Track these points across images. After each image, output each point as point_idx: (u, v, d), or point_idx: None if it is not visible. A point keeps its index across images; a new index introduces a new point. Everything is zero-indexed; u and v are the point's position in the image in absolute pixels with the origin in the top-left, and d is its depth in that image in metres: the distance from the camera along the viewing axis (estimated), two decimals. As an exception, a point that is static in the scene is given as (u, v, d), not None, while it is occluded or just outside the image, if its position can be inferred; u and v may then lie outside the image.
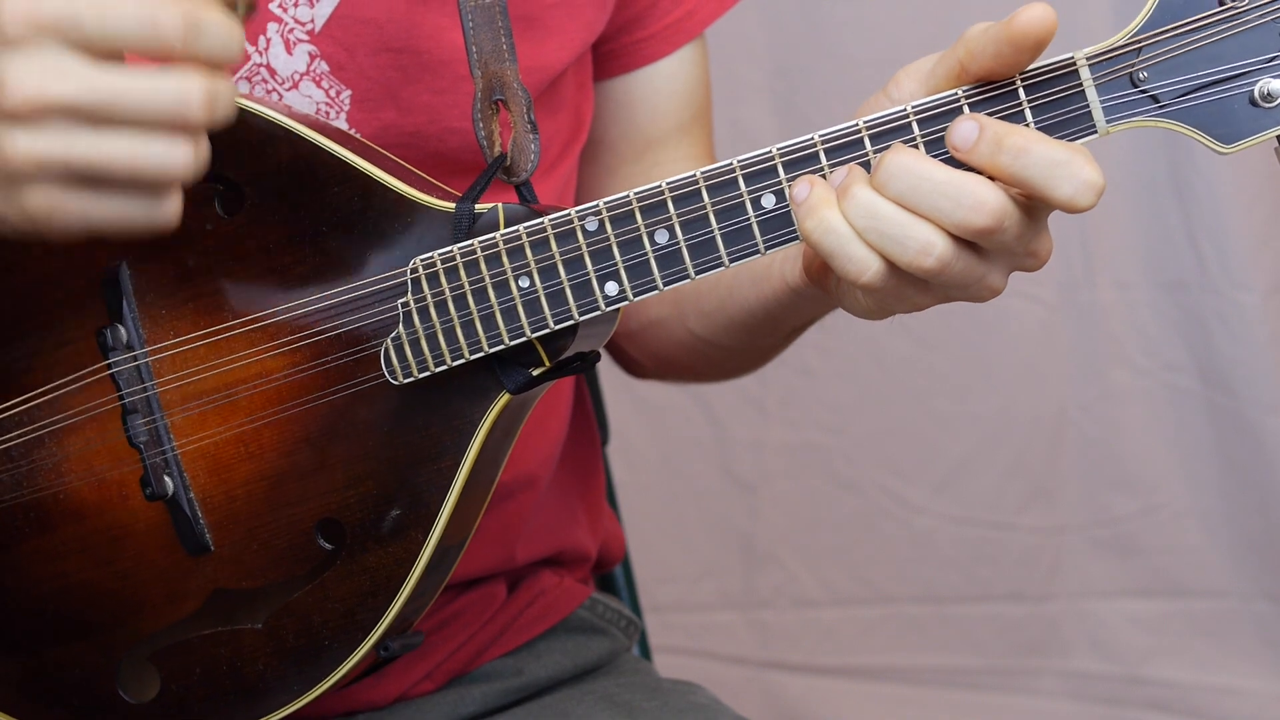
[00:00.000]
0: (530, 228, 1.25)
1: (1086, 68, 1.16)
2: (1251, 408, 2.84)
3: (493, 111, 1.34)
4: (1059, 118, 1.16)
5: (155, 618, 1.35)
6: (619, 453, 2.64)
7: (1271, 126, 1.14)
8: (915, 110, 1.18)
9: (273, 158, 1.30)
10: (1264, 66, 1.14)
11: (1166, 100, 1.15)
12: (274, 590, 1.32)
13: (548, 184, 1.53)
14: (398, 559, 1.31)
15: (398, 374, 1.28)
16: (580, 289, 1.24)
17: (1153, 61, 1.15)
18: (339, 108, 1.41)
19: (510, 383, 1.28)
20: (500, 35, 1.34)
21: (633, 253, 1.23)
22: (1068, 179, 1.12)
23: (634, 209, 1.22)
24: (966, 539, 2.96)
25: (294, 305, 1.30)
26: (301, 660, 1.33)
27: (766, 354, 1.63)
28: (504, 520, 1.53)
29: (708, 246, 1.22)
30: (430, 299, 1.27)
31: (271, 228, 1.30)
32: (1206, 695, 2.90)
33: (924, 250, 1.15)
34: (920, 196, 1.14)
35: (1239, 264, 2.80)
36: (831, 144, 1.20)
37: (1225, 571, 2.90)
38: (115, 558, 1.35)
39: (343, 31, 1.40)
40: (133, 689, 1.36)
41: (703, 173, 1.21)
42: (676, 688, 1.57)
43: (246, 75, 1.39)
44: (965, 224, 1.14)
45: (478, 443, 1.29)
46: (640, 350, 1.69)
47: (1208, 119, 1.15)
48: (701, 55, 1.65)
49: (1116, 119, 1.16)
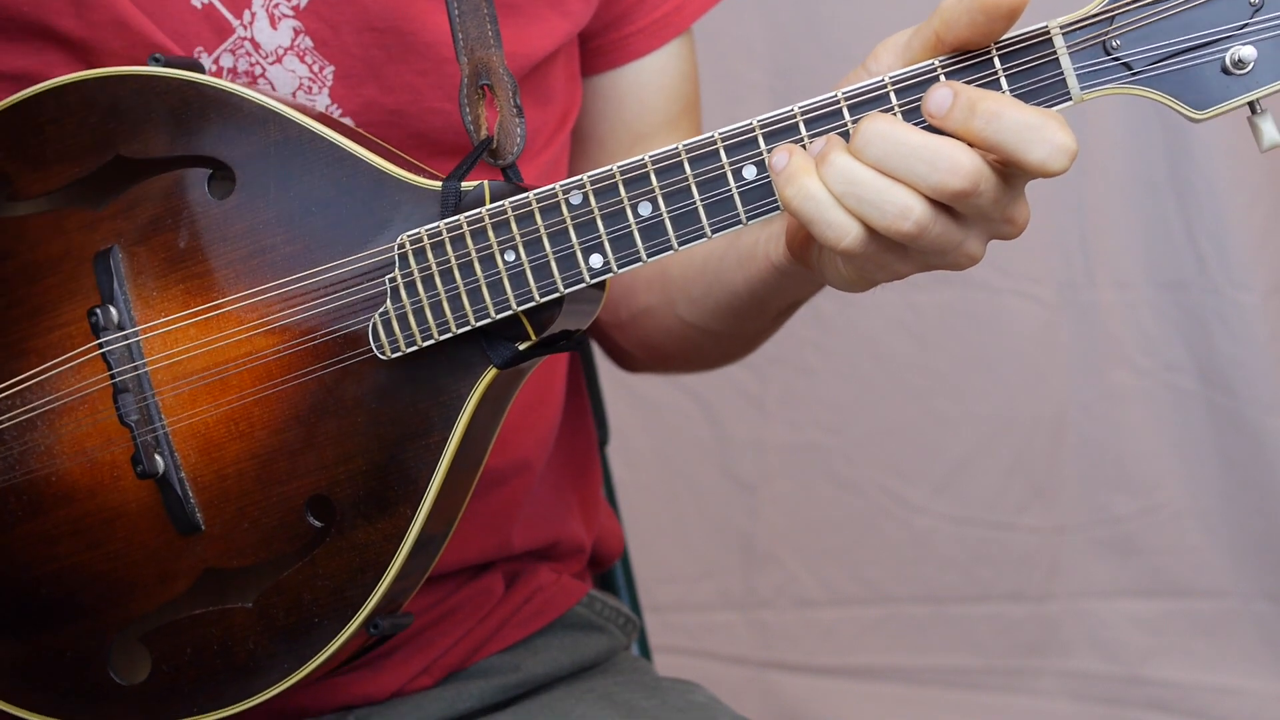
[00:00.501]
0: (515, 202, 1.26)
1: (1060, 36, 1.17)
2: (1251, 408, 2.84)
3: (479, 96, 1.35)
4: (1033, 85, 1.18)
5: (146, 599, 1.36)
6: (618, 452, 2.63)
7: (1242, 93, 1.16)
8: (893, 80, 1.20)
9: (262, 140, 1.31)
10: (1235, 33, 1.15)
11: (1139, 67, 1.17)
12: (264, 568, 1.33)
13: (533, 168, 1.54)
14: (386, 535, 1.31)
15: (385, 349, 1.29)
16: (565, 261, 1.25)
17: (1125, 29, 1.16)
18: (322, 83, 1.42)
19: (497, 357, 1.29)
20: (485, 21, 1.36)
21: (616, 225, 1.24)
22: (1040, 142, 1.14)
23: (617, 182, 1.24)
24: (966, 539, 2.96)
25: (283, 283, 1.31)
26: (292, 638, 1.33)
27: (755, 338, 1.64)
28: (497, 506, 1.54)
29: (690, 218, 1.23)
30: (417, 274, 1.28)
31: (261, 209, 1.31)
32: (1206, 695, 2.90)
33: (902, 214, 1.16)
34: (897, 161, 1.16)
35: (1239, 264, 2.79)
36: (811, 114, 1.21)
37: (1225, 571, 2.90)
38: (107, 539, 1.35)
39: (328, 8, 1.41)
40: (124, 670, 1.36)
41: (684, 145, 1.22)
42: (675, 686, 1.57)
43: (230, 48, 1.40)
44: (941, 186, 1.15)
45: (465, 418, 1.30)
46: (631, 340, 1.70)
47: (1180, 86, 1.16)
48: (689, 50, 1.66)
49: (1090, 86, 1.17)
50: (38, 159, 1.34)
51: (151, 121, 1.32)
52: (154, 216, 1.33)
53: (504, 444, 1.40)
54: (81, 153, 1.34)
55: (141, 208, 1.33)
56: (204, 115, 1.31)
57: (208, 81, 1.32)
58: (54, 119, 1.34)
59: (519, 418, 1.52)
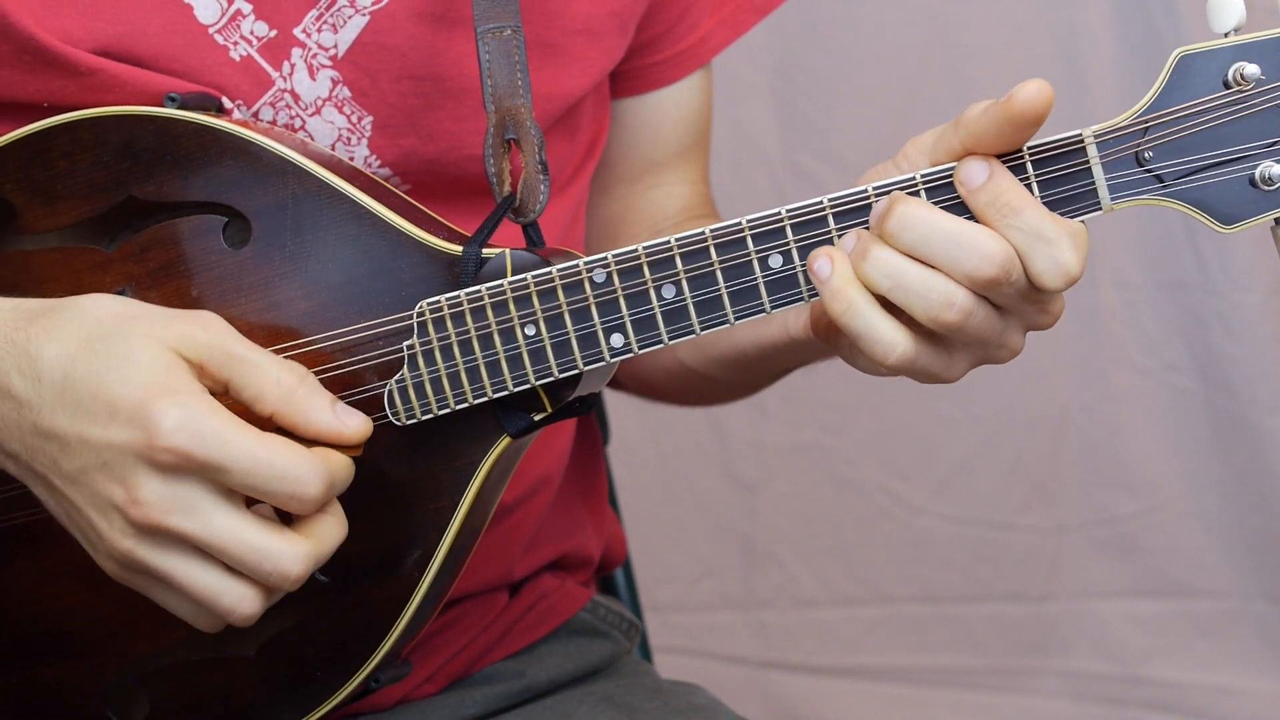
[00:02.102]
0: (538, 277, 1.25)
1: (1094, 145, 1.17)
2: (1251, 408, 2.84)
3: (504, 150, 1.34)
4: (1065, 193, 1.18)
5: (146, 641, 1.35)
6: (619, 453, 2.64)
7: (1271, 209, 1.16)
8: (924, 179, 1.19)
9: (280, 191, 1.29)
10: (1266, 150, 1.15)
11: (1170, 180, 1.17)
12: (267, 619, 1.32)
13: (560, 203, 1.53)
14: (392, 595, 1.31)
15: (401, 416, 1.28)
16: (586, 340, 1.25)
17: (1158, 141, 1.17)
18: (360, 134, 1.41)
19: (511, 427, 1.29)
20: (516, 70, 1.34)
21: (639, 306, 1.23)
22: (1045, 255, 1.14)
23: (642, 263, 1.23)
24: (966, 539, 2.96)
25: (300, 343, 1.30)
26: (292, 690, 1.33)
27: (751, 389, 1.64)
28: (504, 534, 1.53)
29: (714, 304, 1.22)
30: (436, 342, 1.27)
31: (276, 262, 1.30)
32: (1206, 695, 2.91)
33: (947, 302, 1.16)
34: (934, 246, 1.15)
35: (1239, 264, 2.80)
36: (840, 208, 1.20)
37: (1225, 571, 2.91)
38: (108, 581, 1.34)
39: (365, 58, 1.40)
40: (121, 712, 1.36)
41: (711, 230, 1.21)
42: (677, 689, 1.57)
43: (270, 101, 1.39)
44: (975, 273, 1.15)
45: (476, 484, 1.29)
46: (624, 373, 1.70)
47: (1209, 199, 1.17)
48: (707, 83, 1.65)
49: (1121, 197, 1.18)
50: (48, 194, 1.32)
51: (167, 164, 1.30)
52: (166, 261, 1.31)
53: (527, 462, 1.40)
54: (93, 191, 1.32)
55: (154, 252, 1.31)
56: (221, 162, 1.29)
57: (227, 128, 1.30)
58: (66, 154, 1.32)
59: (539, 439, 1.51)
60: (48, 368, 1.19)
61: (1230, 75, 1.15)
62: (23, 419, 1.20)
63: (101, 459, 1.17)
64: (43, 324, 1.21)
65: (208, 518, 1.17)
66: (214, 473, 1.16)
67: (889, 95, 2.83)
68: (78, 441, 1.18)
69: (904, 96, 2.83)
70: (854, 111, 2.85)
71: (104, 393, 1.17)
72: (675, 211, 1.63)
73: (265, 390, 1.20)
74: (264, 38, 1.38)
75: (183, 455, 1.15)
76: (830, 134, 2.87)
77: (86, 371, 1.18)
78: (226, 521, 1.18)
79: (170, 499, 1.17)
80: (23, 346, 1.20)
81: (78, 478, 1.19)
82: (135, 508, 1.17)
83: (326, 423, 1.21)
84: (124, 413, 1.16)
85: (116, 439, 1.17)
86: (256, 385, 1.20)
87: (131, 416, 1.16)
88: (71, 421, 1.18)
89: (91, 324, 1.20)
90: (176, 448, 1.15)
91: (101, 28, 1.35)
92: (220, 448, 1.15)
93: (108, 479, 1.18)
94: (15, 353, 1.20)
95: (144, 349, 1.18)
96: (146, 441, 1.15)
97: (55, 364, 1.19)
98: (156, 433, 1.15)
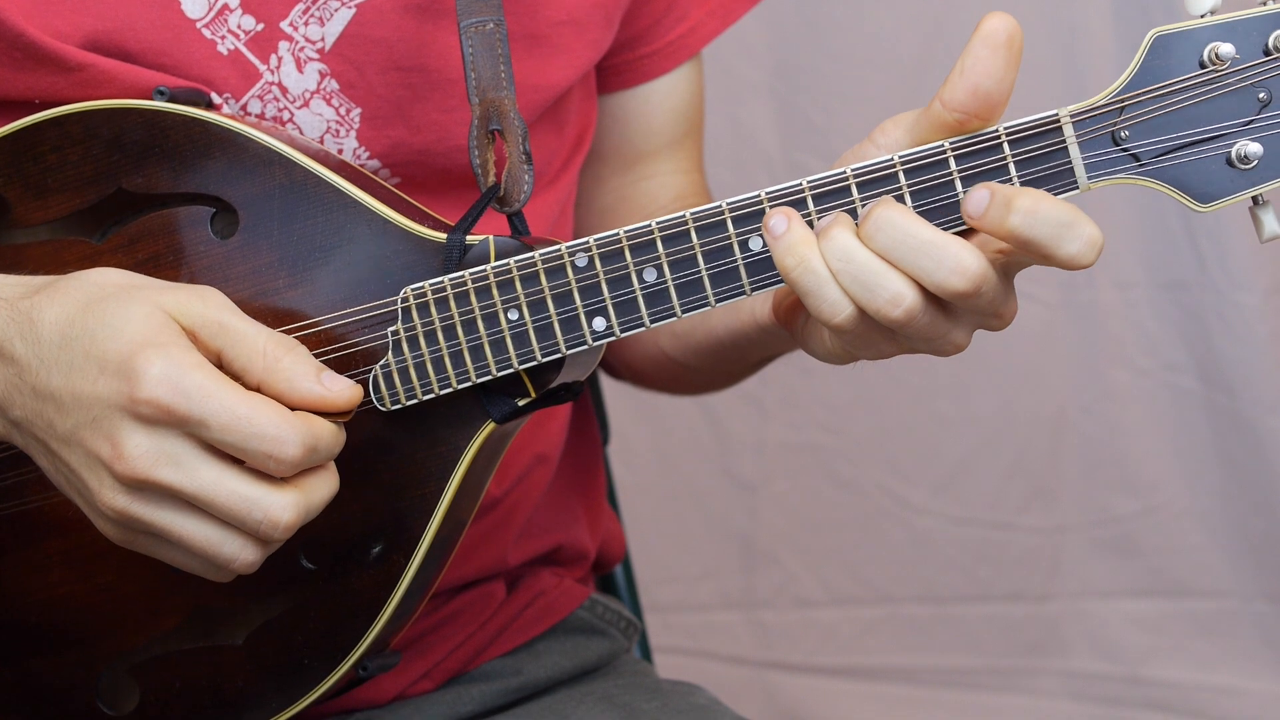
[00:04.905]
0: (520, 261, 1.25)
1: (1070, 125, 1.17)
2: (1251, 408, 2.84)
3: (488, 141, 1.35)
4: (1041, 172, 1.18)
5: (136, 632, 1.36)
6: (619, 453, 2.64)
7: (1247, 187, 1.17)
8: (902, 160, 1.19)
9: (267, 181, 1.30)
10: (1242, 129, 1.16)
11: (1147, 159, 1.17)
12: (255, 608, 1.33)
13: (547, 197, 1.53)
14: (379, 582, 1.31)
15: (385, 401, 1.29)
16: (568, 323, 1.25)
17: (1134, 121, 1.17)
18: (349, 125, 1.42)
19: (496, 412, 1.29)
20: (499, 63, 1.35)
21: (621, 290, 1.24)
22: (1074, 238, 1.14)
23: (623, 247, 1.23)
24: (966, 539, 2.96)
25: (285, 329, 1.30)
26: (281, 678, 1.33)
27: (734, 378, 1.65)
28: (497, 520, 1.54)
29: (695, 286, 1.23)
30: (420, 328, 1.27)
31: (264, 251, 1.30)
32: (1206, 695, 2.91)
33: (893, 301, 1.16)
34: (905, 252, 1.16)
35: (1239, 264, 2.80)
36: (819, 189, 1.21)
37: (1225, 571, 2.90)
38: (98, 571, 1.35)
39: (353, 50, 1.41)
40: (112, 702, 1.36)
41: (692, 213, 1.22)
42: (676, 689, 1.57)
43: (258, 94, 1.40)
44: (944, 285, 1.16)
45: (462, 470, 1.30)
46: (614, 357, 1.71)
47: (1186, 178, 1.17)
48: (697, 73, 1.66)
49: (1097, 176, 1.18)
50: (39, 187, 1.34)
51: (156, 156, 1.31)
52: (155, 253, 1.32)
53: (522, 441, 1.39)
54: (83, 184, 1.33)
55: (143, 243, 1.32)
56: (209, 154, 1.30)
57: (215, 120, 1.31)
58: (56, 148, 1.33)
59: (528, 426, 1.52)
60: (47, 330, 1.21)
61: (1205, 55, 1.15)
62: (23, 382, 1.22)
63: (91, 414, 1.19)
64: (47, 292, 1.23)
65: (194, 470, 1.18)
66: (194, 427, 1.17)
67: (889, 95, 2.83)
68: (70, 398, 1.19)
69: (904, 96, 2.83)
70: (854, 111, 2.85)
71: (96, 348, 1.19)
72: (669, 200, 1.64)
73: (252, 360, 1.21)
74: (251, 31, 1.39)
75: (163, 408, 1.17)
76: (830, 134, 2.87)
77: (82, 330, 1.20)
78: (212, 474, 1.19)
79: (155, 452, 1.18)
80: (26, 312, 1.22)
81: (70, 437, 1.20)
82: (120, 462, 1.18)
83: (309, 388, 1.21)
84: (112, 365, 1.18)
85: (103, 391, 1.18)
86: (246, 356, 1.21)
87: (119, 368, 1.17)
88: (66, 379, 1.20)
89: (93, 289, 1.22)
90: (157, 399, 1.16)
91: (90, 23, 1.36)
92: (202, 402, 1.17)
93: (96, 434, 1.19)
94: (19, 319, 1.22)
95: (140, 309, 1.20)
96: (129, 394, 1.17)
97: (54, 325, 1.21)
98: (139, 384, 1.16)
